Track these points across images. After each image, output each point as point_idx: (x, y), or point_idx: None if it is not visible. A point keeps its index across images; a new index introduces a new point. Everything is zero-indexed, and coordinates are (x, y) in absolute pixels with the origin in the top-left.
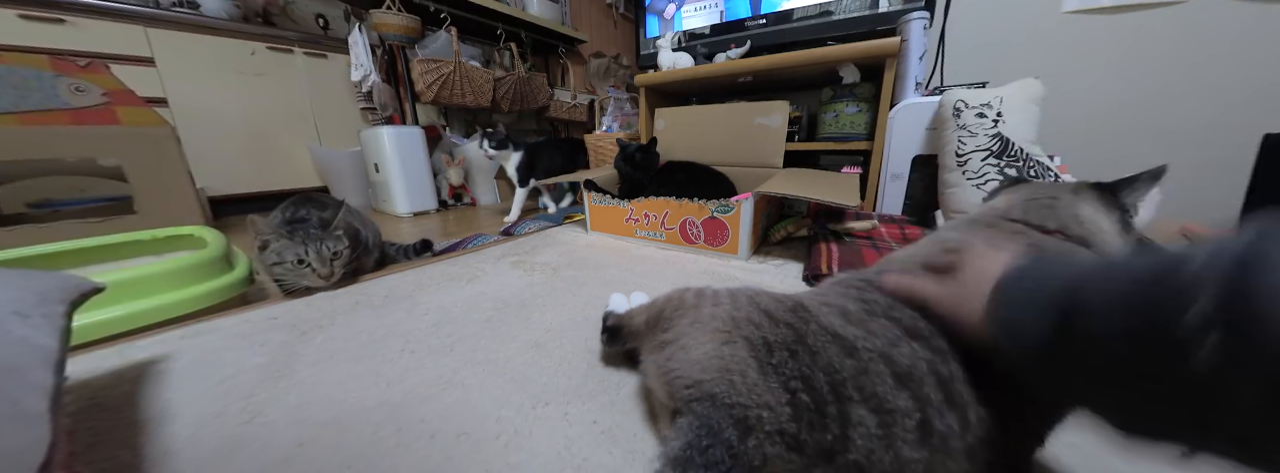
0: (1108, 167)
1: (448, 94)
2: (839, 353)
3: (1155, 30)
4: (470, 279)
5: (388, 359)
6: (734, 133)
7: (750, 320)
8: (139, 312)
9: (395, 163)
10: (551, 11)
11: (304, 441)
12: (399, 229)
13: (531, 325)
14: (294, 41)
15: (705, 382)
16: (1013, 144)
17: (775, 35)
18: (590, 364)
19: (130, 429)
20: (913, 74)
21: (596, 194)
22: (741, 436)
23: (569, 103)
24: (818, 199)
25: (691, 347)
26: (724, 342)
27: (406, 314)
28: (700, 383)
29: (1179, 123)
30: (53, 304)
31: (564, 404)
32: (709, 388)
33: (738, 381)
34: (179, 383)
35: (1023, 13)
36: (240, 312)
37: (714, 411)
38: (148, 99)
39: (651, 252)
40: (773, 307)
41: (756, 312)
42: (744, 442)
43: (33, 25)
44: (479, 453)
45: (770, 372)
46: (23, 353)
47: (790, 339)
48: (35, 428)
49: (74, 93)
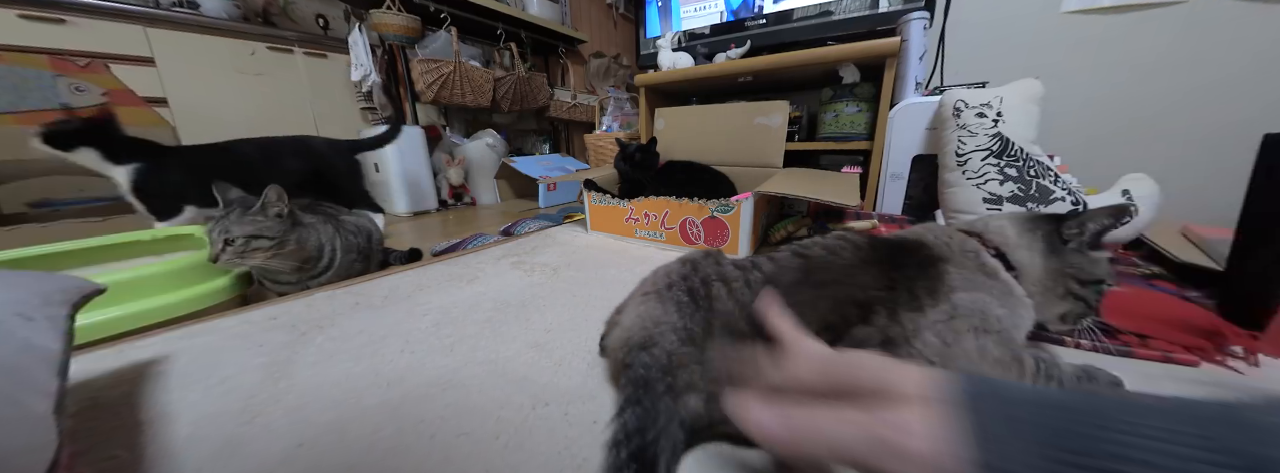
0: (1108, 166)
1: (448, 94)
2: (714, 264)
3: (1155, 30)
4: (470, 279)
5: (387, 359)
6: (734, 133)
7: (666, 272)
8: (139, 312)
9: (395, 163)
10: (551, 11)
11: (304, 441)
12: (399, 229)
13: (531, 325)
14: (294, 41)
15: (630, 339)
16: (1013, 144)
17: (775, 35)
18: (590, 364)
19: (130, 430)
20: (913, 74)
21: (596, 194)
22: (654, 354)
23: (569, 103)
24: (818, 199)
25: (623, 320)
26: (641, 302)
27: (406, 314)
28: (628, 341)
29: (1179, 123)
30: (55, 306)
31: (564, 404)
32: (633, 342)
33: (648, 322)
34: (179, 383)
35: (1023, 13)
36: (240, 312)
37: (639, 354)
38: (148, 99)
39: (652, 252)
40: (692, 255)
41: (675, 263)
42: (658, 358)
43: (33, 25)
44: (479, 453)
45: (669, 299)
46: (26, 355)
47: (688, 271)
48: (41, 430)
49: (74, 93)
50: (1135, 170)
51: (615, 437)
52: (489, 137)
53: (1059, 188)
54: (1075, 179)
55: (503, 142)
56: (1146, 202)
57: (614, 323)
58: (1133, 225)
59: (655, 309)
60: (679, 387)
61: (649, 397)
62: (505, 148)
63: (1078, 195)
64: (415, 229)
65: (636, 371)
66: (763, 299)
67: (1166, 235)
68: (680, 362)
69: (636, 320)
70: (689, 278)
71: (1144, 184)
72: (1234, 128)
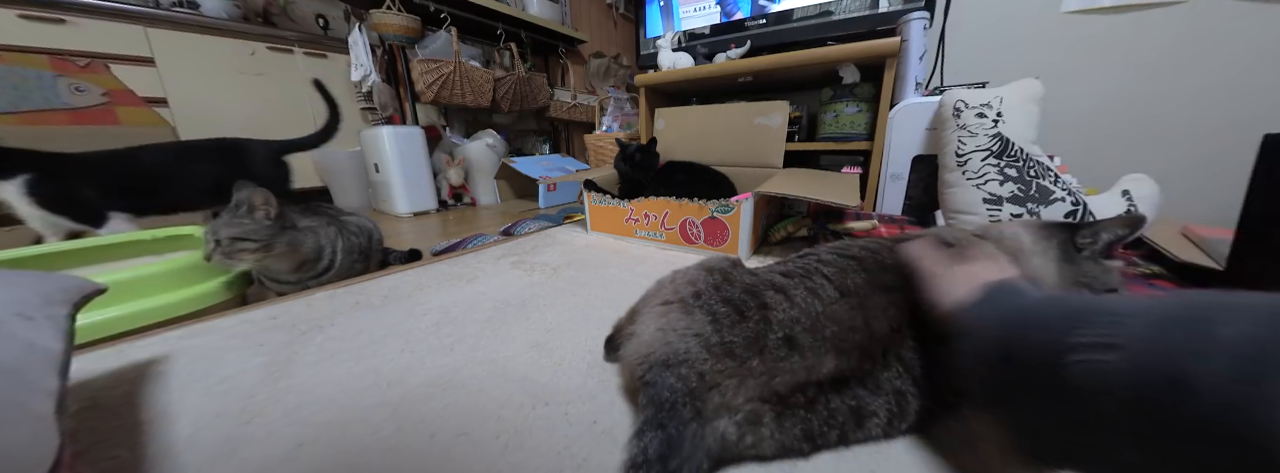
0: (1108, 166)
1: (448, 94)
2: (749, 274)
3: (1155, 30)
4: (470, 279)
5: (388, 359)
6: (734, 133)
7: (689, 281)
8: (139, 312)
9: (395, 163)
10: (551, 11)
11: (304, 441)
12: (399, 229)
13: (531, 325)
14: (294, 41)
15: (651, 355)
16: (1013, 144)
17: (775, 35)
18: (590, 364)
19: (130, 429)
20: (913, 74)
21: (596, 194)
22: (681, 375)
23: (569, 103)
24: (818, 199)
25: (641, 332)
26: (663, 313)
27: (406, 314)
28: (648, 358)
29: (1179, 123)
30: (56, 306)
31: (564, 404)
32: (655, 359)
33: (672, 336)
34: (179, 383)
35: (1023, 13)
36: (240, 312)
37: (662, 373)
38: (148, 99)
39: (652, 252)
40: (716, 263)
41: (698, 272)
42: (686, 379)
43: (33, 25)
44: (479, 453)
45: (697, 309)
46: (27, 355)
47: (719, 281)
48: (42, 431)
49: (74, 93)
50: (1135, 170)
51: (634, 460)
52: (489, 137)
53: (1059, 188)
54: (1075, 179)
55: (503, 142)
56: (1146, 202)
57: (629, 333)
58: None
59: (680, 321)
60: (708, 412)
61: (674, 422)
62: (505, 148)
63: (1078, 195)
64: (415, 229)
65: (661, 392)
66: (903, 247)
67: (1166, 235)
68: (712, 382)
69: (658, 334)
70: (723, 288)
71: (1144, 184)
72: (1234, 128)
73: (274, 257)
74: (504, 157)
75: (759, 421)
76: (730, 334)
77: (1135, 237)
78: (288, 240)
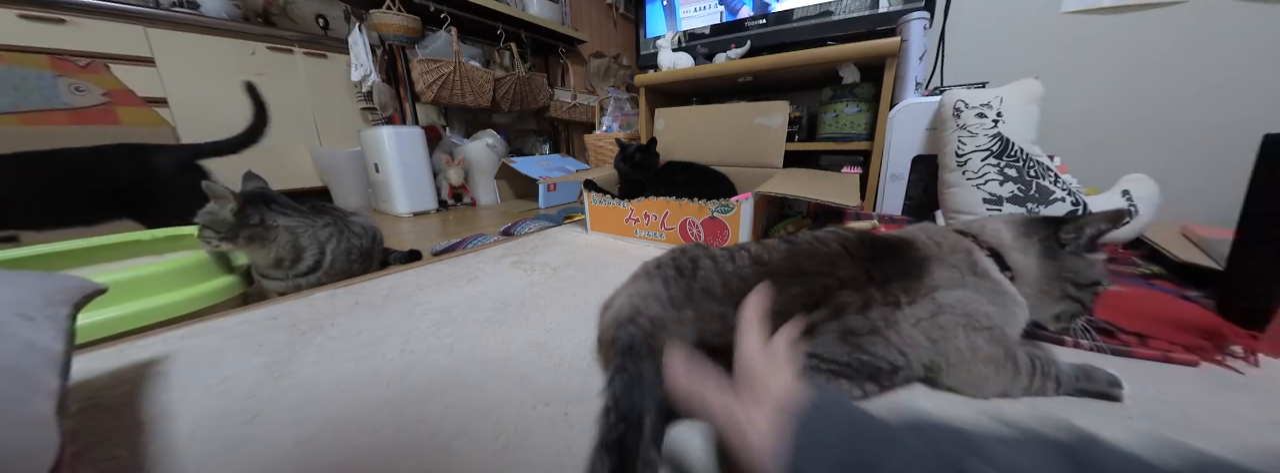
0: (1108, 166)
1: (448, 94)
2: (702, 249)
3: (1155, 30)
4: (470, 279)
5: (388, 359)
6: (734, 133)
7: (656, 259)
8: (139, 312)
9: (395, 163)
10: (551, 11)
11: (304, 441)
12: (399, 229)
13: (531, 325)
14: (294, 41)
15: (619, 316)
16: (1013, 144)
17: (775, 35)
18: (590, 364)
19: (131, 429)
20: (913, 74)
21: (596, 194)
22: (639, 324)
23: (569, 103)
24: (818, 199)
25: (614, 304)
26: (631, 283)
27: (406, 314)
28: (617, 319)
29: (1179, 123)
30: (57, 306)
31: (564, 404)
32: (622, 318)
33: (636, 299)
34: (179, 383)
35: (1023, 13)
36: (240, 312)
37: (626, 327)
38: (148, 99)
39: (652, 252)
40: (686, 246)
41: (666, 252)
42: (641, 326)
43: (33, 25)
44: (478, 453)
45: (656, 276)
46: (28, 356)
47: (677, 254)
48: (43, 431)
49: (74, 93)
50: (1135, 170)
51: (605, 404)
52: (489, 137)
53: (1059, 188)
54: (1075, 179)
55: (503, 142)
56: (1146, 202)
57: (606, 309)
58: (1133, 225)
59: (643, 286)
60: (659, 346)
61: (633, 362)
62: (505, 148)
63: (1078, 195)
64: (415, 229)
65: (623, 341)
66: (757, 290)
67: (1166, 235)
68: (660, 324)
69: (625, 300)
70: (677, 259)
71: (1144, 184)
72: (1234, 128)
73: (245, 250)
74: (504, 157)
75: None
76: (674, 290)
77: (1135, 236)
78: (247, 236)
